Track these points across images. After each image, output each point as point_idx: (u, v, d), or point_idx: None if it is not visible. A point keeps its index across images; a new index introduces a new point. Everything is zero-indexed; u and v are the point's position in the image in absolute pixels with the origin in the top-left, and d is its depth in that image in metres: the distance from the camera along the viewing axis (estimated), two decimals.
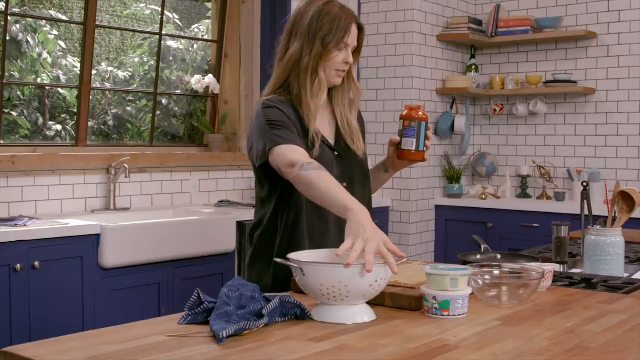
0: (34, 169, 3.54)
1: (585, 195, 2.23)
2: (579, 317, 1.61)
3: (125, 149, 4.16)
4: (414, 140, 2.09)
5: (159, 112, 4.49)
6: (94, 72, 4.11)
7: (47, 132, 4.00)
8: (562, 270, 2.20)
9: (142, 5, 4.47)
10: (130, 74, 4.44)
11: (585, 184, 2.26)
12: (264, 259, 2.06)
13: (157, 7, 4.45)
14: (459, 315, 1.58)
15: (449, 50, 5.20)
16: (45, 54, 4.01)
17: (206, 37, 4.78)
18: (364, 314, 1.56)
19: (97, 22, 4.05)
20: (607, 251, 2.10)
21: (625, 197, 2.16)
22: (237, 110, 4.62)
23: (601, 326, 1.54)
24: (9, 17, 3.71)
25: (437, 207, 5.09)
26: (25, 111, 3.92)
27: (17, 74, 3.87)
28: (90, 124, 4.09)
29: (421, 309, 1.64)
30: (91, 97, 4.08)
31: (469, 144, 5.32)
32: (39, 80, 4.00)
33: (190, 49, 4.74)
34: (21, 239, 2.95)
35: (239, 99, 4.61)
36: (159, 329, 1.48)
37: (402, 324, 1.54)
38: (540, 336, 1.45)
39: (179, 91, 4.64)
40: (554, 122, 5.12)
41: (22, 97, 3.93)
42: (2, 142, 3.68)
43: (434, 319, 1.57)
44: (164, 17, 4.43)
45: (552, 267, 1.92)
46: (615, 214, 2.16)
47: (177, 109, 4.67)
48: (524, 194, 5.13)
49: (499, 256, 2.20)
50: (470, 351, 1.35)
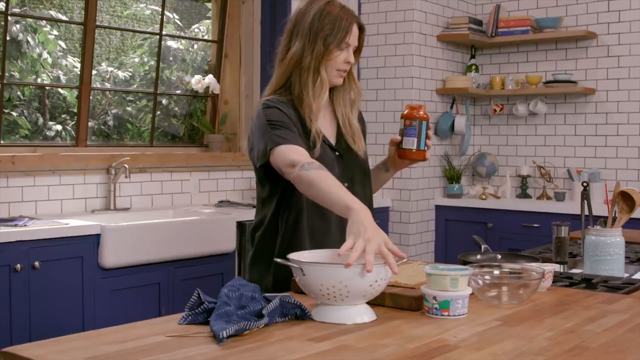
0: (34, 169, 3.54)
1: (585, 195, 2.23)
2: (579, 317, 1.61)
3: (125, 149, 4.16)
4: (415, 139, 2.09)
5: (159, 112, 4.49)
6: (94, 72, 4.11)
7: (47, 132, 4.00)
8: (562, 270, 2.20)
9: (142, 5, 4.47)
10: (130, 74, 4.44)
11: (585, 184, 2.26)
12: (265, 259, 2.06)
13: (157, 7, 4.45)
14: (459, 315, 1.58)
15: (449, 50, 5.20)
16: (45, 54, 4.01)
17: (206, 37, 4.78)
18: (364, 314, 1.56)
19: (97, 22, 4.05)
20: (607, 251, 2.10)
21: (625, 197, 2.16)
22: (237, 110, 4.62)
23: (601, 326, 1.54)
24: (9, 17, 3.71)
25: (437, 207, 5.09)
26: (25, 111, 3.92)
27: (17, 74, 3.87)
28: (90, 124, 4.09)
29: (421, 309, 1.64)
30: (91, 97, 4.08)
31: (469, 144, 5.32)
32: (39, 80, 4.00)
33: (190, 49, 4.74)
34: (21, 239, 2.95)
35: (239, 99, 4.61)
36: (159, 329, 1.48)
37: (402, 324, 1.54)
38: (540, 336, 1.45)
39: (179, 91, 4.64)
40: (554, 122, 5.12)
41: (22, 97, 3.93)
42: (2, 142, 3.68)
43: (434, 319, 1.57)
44: (164, 17, 4.43)
45: (552, 267, 1.92)
46: (615, 214, 2.16)
47: (177, 109, 4.67)
48: (524, 194, 5.13)
49: (499, 256, 2.20)
50: (470, 351, 1.35)
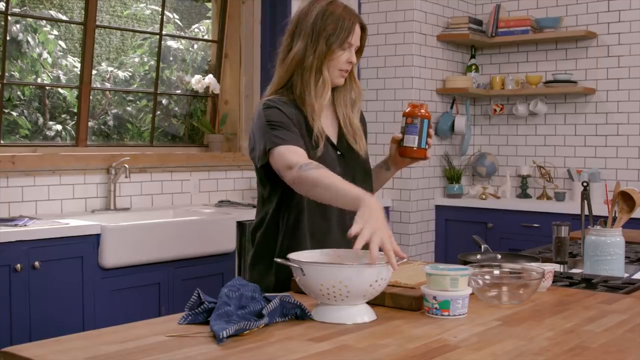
0: (34, 169, 3.54)
1: (585, 195, 2.23)
2: (579, 317, 1.61)
3: (125, 149, 4.16)
4: (416, 137, 2.09)
5: (159, 112, 4.50)
6: (94, 72, 4.11)
7: (47, 132, 4.00)
8: (562, 270, 2.20)
9: (142, 5, 4.47)
10: (130, 74, 4.44)
11: (585, 184, 2.26)
12: (266, 259, 2.06)
13: (157, 7, 4.46)
14: (459, 315, 1.58)
15: (449, 50, 5.20)
16: (45, 54, 4.01)
17: (206, 37, 4.78)
18: (364, 314, 1.56)
19: (97, 22, 4.05)
20: (607, 251, 2.10)
21: (625, 197, 2.16)
22: (237, 110, 4.62)
23: (601, 326, 1.54)
24: (9, 17, 3.71)
25: (437, 207, 5.09)
26: (25, 111, 3.92)
27: (17, 74, 3.87)
28: (90, 124, 4.09)
29: (421, 309, 1.64)
30: (91, 97, 4.08)
31: (469, 144, 5.32)
32: (39, 80, 4.00)
33: (190, 49, 4.74)
34: (21, 239, 2.95)
35: (239, 99, 4.61)
36: (159, 329, 1.48)
37: (402, 324, 1.54)
38: (540, 336, 1.45)
39: (179, 91, 4.64)
40: (554, 122, 5.11)
41: (22, 97, 3.93)
42: (2, 142, 3.68)
43: (434, 319, 1.57)
44: (164, 17, 4.43)
45: (552, 267, 1.92)
46: (615, 214, 2.16)
47: (177, 109, 4.67)
48: (524, 194, 5.13)
49: (499, 256, 2.20)
50: (470, 351, 1.35)
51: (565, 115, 5.07)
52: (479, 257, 2.19)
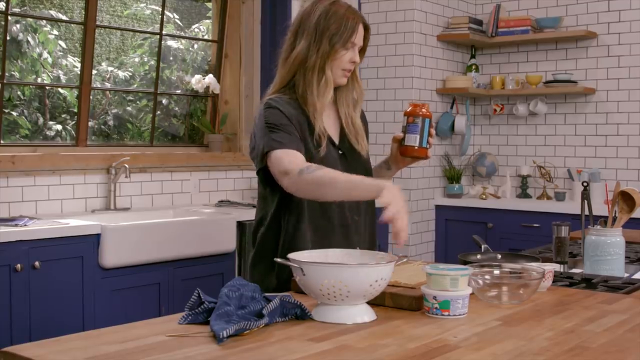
0: (34, 169, 3.54)
1: (585, 195, 2.23)
2: (579, 317, 1.61)
3: (125, 148, 4.16)
4: (417, 136, 2.09)
5: (159, 112, 4.49)
6: (94, 72, 4.11)
7: (47, 132, 4.00)
8: (562, 270, 2.20)
9: (142, 5, 4.47)
10: (130, 74, 4.44)
11: (585, 184, 2.26)
12: (267, 260, 2.05)
13: (157, 7, 4.45)
14: (459, 315, 1.58)
15: (449, 50, 5.20)
16: (45, 54, 4.01)
17: (206, 37, 4.78)
18: (364, 314, 1.56)
19: (98, 22, 4.05)
20: (607, 251, 2.10)
21: (625, 197, 2.16)
22: (237, 110, 4.62)
23: (601, 326, 1.54)
24: (9, 17, 3.71)
25: (437, 207, 5.09)
26: (25, 111, 3.92)
27: (17, 74, 3.87)
28: (90, 123, 4.09)
29: (421, 309, 1.64)
30: (91, 97, 4.08)
31: (469, 144, 5.32)
32: (39, 80, 4.00)
33: (190, 49, 4.74)
34: (21, 239, 2.94)
35: (239, 99, 4.61)
36: (159, 329, 1.48)
37: (402, 324, 1.54)
38: (540, 336, 1.45)
39: (179, 91, 4.64)
40: (554, 122, 5.11)
41: (22, 97, 3.93)
42: (2, 142, 3.68)
43: (434, 319, 1.57)
44: (164, 17, 4.43)
45: (552, 267, 1.92)
46: (615, 214, 2.16)
47: (177, 109, 4.67)
48: (524, 194, 5.13)
49: (499, 256, 2.20)
50: (470, 351, 1.35)
51: (565, 115, 5.07)
52: (479, 257, 2.19)
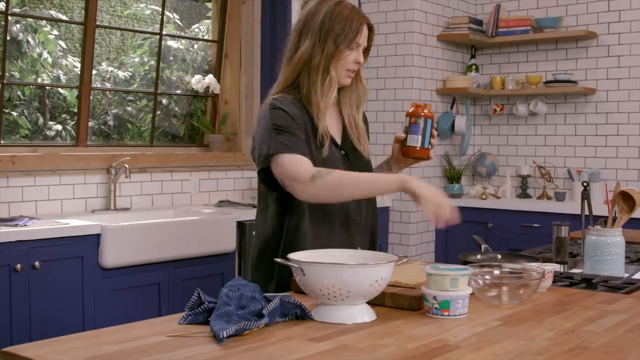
0: (34, 169, 3.54)
1: (585, 195, 2.23)
2: (579, 317, 1.61)
3: (125, 149, 4.16)
4: (419, 137, 2.10)
5: (159, 112, 4.49)
6: (94, 72, 4.11)
7: (48, 132, 4.00)
8: (562, 270, 2.20)
9: (142, 5, 4.47)
10: (130, 74, 4.44)
11: (585, 184, 2.26)
12: (268, 260, 2.04)
13: (157, 7, 4.45)
14: (459, 315, 1.58)
15: (449, 50, 5.20)
16: (45, 54, 4.01)
17: (206, 37, 4.78)
18: (364, 314, 1.56)
19: (98, 22, 4.05)
20: (607, 251, 2.10)
21: (625, 197, 2.16)
22: (238, 110, 4.62)
23: (601, 326, 1.54)
24: (9, 17, 3.71)
25: None
26: (25, 111, 3.92)
27: (17, 74, 3.87)
28: (90, 124, 4.09)
29: (421, 309, 1.64)
30: (91, 97, 4.08)
31: (469, 144, 5.32)
32: (39, 80, 4.00)
33: (190, 49, 4.74)
34: (21, 239, 2.95)
35: (239, 99, 4.61)
36: (159, 329, 1.48)
37: (402, 324, 1.54)
38: (540, 336, 1.45)
39: (179, 91, 4.64)
40: (554, 122, 5.11)
41: (22, 97, 3.93)
42: (2, 142, 3.68)
43: (434, 319, 1.57)
44: (164, 17, 4.43)
45: (552, 267, 1.92)
46: (615, 214, 2.16)
47: (177, 109, 4.67)
48: (524, 194, 5.13)
49: (499, 256, 2.20)
50: (470, 351, 1.35)
51: (565, 115, 5.07)
52: (479, 257, 2.19)
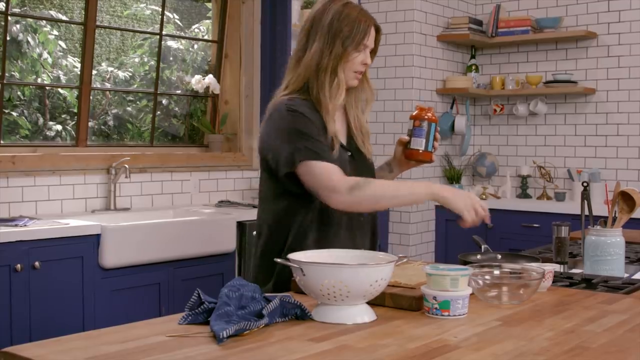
0: (34, 169, 3.54)
1: (585, 195, 2.23)
2: (579, 317, 1.61)
3: (125, 149, 4.16)
4: (423, 140, 2.13)
5: (159, 112, 4.49)
6: (94, 72, 4.10)
7: (48, 132, 4.00)
8: (562, 270, 2.20)
9: (142, 5, 4.47)
10: (130, 74, 4.44)
11: (585, 184, 2.26)
12: (272, 260, 2.03)
13: (157, 7, 4.45)
14: (459, 315, 1.58)
15: (449, 50, 5.20)
16: (45, 54, 4.01)
17: (206, 37, 4.78)
18: (364, 314, 1.56)
19: (97, 22, 4.05)
20: (607, 251, 2.10)
21: (625, 197, 2.16)
22: (238, 110, 4.62)
23: (601, 326, 1.54)
24: (9, 17, 3.71)
25: (437, 207, 5.09)
26: (25, 111, 3.92)
27: (17, 74, 3.87)
28: (90, 124, 4.09)
29: (421, 309, 1.64)
30: (91, 97, 4.08)
31: (469, 144, 5.32)
32: (39, 80, 4.00)
33: (190, 49, 4.74)
34: (21, 239, 2.95)
35: (239, 99, 4.61)
36: (159, 329, 1.48)
37: (402, 324, 1.54)
38: (540, 336, 1.45)
39: (179, 91, 4.64)
40: (554, 122, 5.12)
41: (22, 97, 3.93)
42: (2, 142, 3.68)
43: (434, 319, 1.57)
44: (164, 17, 4.43)
45: (552, 267, 1.92)
46: (615, 214, 2.16)
47: (177, 109, 4.67)
48: (524, 194, 5.13)
49: (499, 256, 2.20)
50: (470, 351, 1.35)
51: (565, 115, 5.07)
52: (479, 257, 2.19)
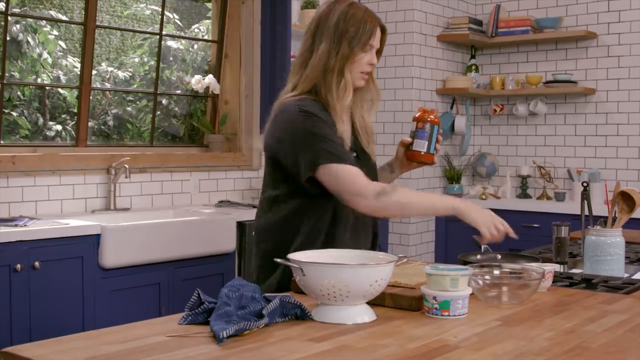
0: (34, 169, 3.54)
1: (585, 195, 2.23)
2: (579, 317, 1.61)
3: (125, 149, 4.16)
4: (426, 142, 2.15)
5: (159, 112, 4.49)
6: (94, 72, 4.10)
7: (47, 132, 4.00)
8: (562, 270, 2.20)
9: (142, 5, 4.47)
10: (130, 74, 4.44)
11: (585, 184, 2.26)
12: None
13: (157, 7, 4.45)
14: (459, 315, 1.58)
15: (449, 50, 5.20)
16: (45, 54, 4.00)
17: (206, 37, 4.77)
18: (364, 314, 1.56)
19: (97, 22, 4.05)
20: (607, 251, 2.10)
21: (625, 197, 2.16)
22: (237, 110, 4.62)
23: (601, 326, 1.54)
24: (9, 17, 3.71)
25: None
26: (25, 111, 3.92)
27: (17, 74, 3.87)
28: (90, 124, 4.09)
29: (421, 309, 1.64)
30: (91, 97, 4.08)
31: (469, 144, 5.32)
32: (39, 80, 4.00)
33: (190, 49, 4.74)
34: (21, 239, 2.95)
35: (239, 99, 4.61)
36: (159, 329, 1.48)
37: (402, 324, 1.54)
38: (540, 336, 1.45)
39: (179, 91, 4.64)
40: (554, 122, 5.12)
41: (22, 97, 3.93)
42: (2, 142, 3.68)
43: (434, 319, 1.57)
44: (164, 17, 4.43)
45: (552, 267, 1.92)
46: (615, 214, 2.16)
47: (177, 109, 4.67)
48: (524, 194, 5.13)
49: (499, 256, 2.20)
50: (470, 351, 1.35)
51: (565, 115, 5.07)
52: (479, 257, 2.19)
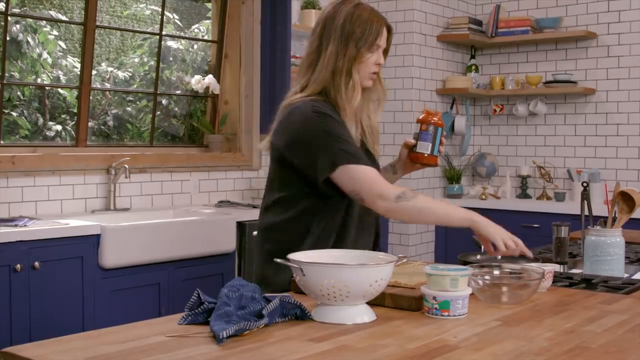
0: (34, 169, 3.54)
1: (585, 195, 2.23)
2: (579, 318, 1.61)
3: (125, 149, 4.16)
4: (430, 144, 2.16)
5: (159, 112, 4.49)
6: (94, 72, 4.10)
7: (47, 133, 4.00)
8: (562, 270, 2.20)
9: (142, 5, 4.47)
10: (130, 74, 4.44)
11: (585, 184, 2.26)
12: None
13: (157, 8, 4.45)
14: (459, 315, 1.59)
15: (449, 50, 5.20)
16: (45, 54, 4.00)
17: (206, 37, 4.77)
18: (364, 314, 1.56)
19: (97, 23, 4.05)
20: (607, 251, 2.10)
21: (625, 198, 2.16)
22: (237, 110, 4.62)
23: (601, 326, 1.54)
24: (9, 18, 3.71)
25: None
26: (25, 111, 3.92)
27: (17, 74, 3.87)
28: (90, 124, 4.09)
29: (421, 309, 1.64)
30: (91, 98, 4.08)
31: (469, 144, 5.32)
32: (39, 80, 4.00)
33: (190, 49, 4.74)
34: (21, 239, 2.95)
35: (239, 99, 4.61)
36: (159, 329, 1.48)
37: (402, 324, 1.54)
38: (540, 336, 1.45)
39: (179, 91, 4.64)
40: (554, 123, 5.12)
41: (22, 97, 3.93)
42: (2, 142, 3.68)
43: (434, 319, 1.57)
44: (164, 17, 4.42)
45: (552, 268, 1.92)
46: (615, 214, 2.16)
47: (177, 109, 4.67)
48: (524, 194, 5.13)
49: (499, 256, 2.20)
50: (470, 351, 1.35)
51: (565, 115, 5.07)
52: (479, 257, 2.19)
